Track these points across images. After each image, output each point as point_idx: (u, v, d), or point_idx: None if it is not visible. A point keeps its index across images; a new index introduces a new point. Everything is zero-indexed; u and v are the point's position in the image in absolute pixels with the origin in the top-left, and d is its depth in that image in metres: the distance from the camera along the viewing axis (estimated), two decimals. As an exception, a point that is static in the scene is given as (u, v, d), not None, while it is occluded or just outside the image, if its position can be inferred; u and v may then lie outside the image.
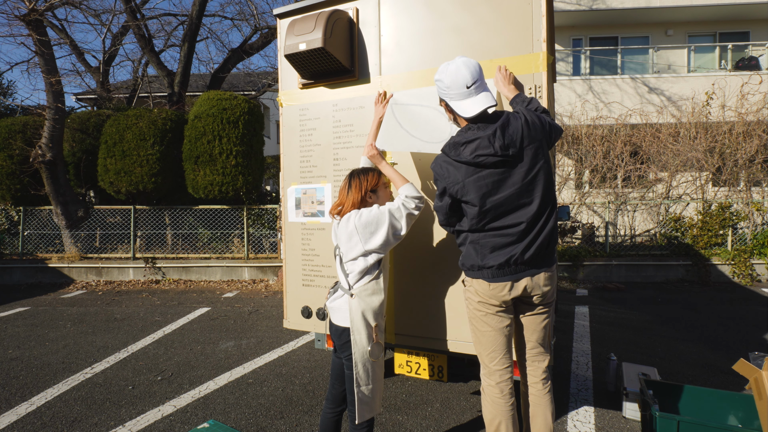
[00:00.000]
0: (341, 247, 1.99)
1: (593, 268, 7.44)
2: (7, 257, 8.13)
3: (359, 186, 2.01)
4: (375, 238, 1.91)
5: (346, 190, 2.03)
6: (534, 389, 1.97)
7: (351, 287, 1.94)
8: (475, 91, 1.78)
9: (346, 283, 1.97)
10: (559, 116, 10.39)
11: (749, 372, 2.05)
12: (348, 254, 1.96)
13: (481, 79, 1.81)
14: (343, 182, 2.07)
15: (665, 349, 4.06)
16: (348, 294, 1.94)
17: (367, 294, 1.92)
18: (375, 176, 2.05)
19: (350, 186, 2.02)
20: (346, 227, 1.96)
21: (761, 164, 8.27)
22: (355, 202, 2.00)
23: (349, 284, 1.95)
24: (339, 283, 2.04)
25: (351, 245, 1.94)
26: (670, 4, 11.11)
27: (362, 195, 2.00)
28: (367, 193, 2.01)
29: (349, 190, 2.02)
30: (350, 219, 1.96)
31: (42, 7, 7.36)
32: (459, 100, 1.81)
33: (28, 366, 3.85)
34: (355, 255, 1.94)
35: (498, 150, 1.73)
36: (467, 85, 1.77)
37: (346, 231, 1.96)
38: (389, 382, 3.36)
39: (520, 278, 1.81)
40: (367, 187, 2.01)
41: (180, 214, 8.26)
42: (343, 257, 1.99)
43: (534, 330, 1.93)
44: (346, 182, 2.05)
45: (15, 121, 8.45)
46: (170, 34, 13.31)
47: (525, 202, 1.77)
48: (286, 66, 2.78)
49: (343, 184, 2.06)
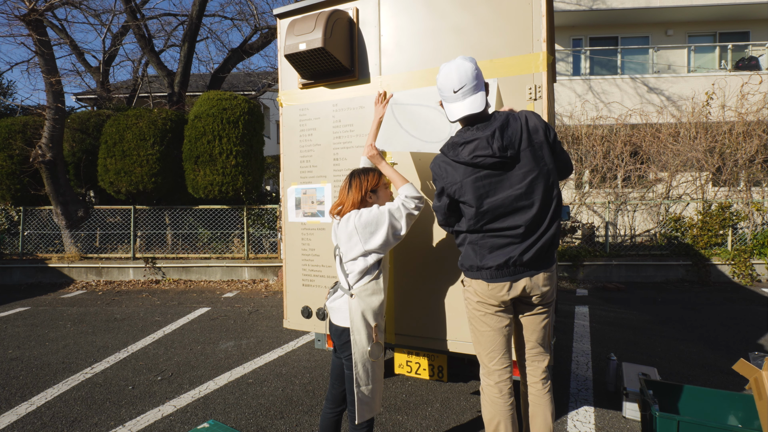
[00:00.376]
0: (341, 247, 1.99)
1: (593, 268, 7.44)
2: (7, 257, 8.13)
3: (359, 186, 2.01)
4: (375, 238, 1.91)
5: (347, 189, 2.03)
6: (534, 389, 1.97)
7: (351, 287, 1.94)
8: (462, 96, 1.78)
9: (345, 283, 1.97)
10: (559, 116, 10.39)
11: (749, 372, 2.05)
12: (348, 254, 1.96)
13: (472, 83, 1.77)
14: (343, 182, 2.07)
15: (665, 349, 4.06)
16: (348, 294, 1.94)
17: (367, 294, 1.92)
18: (375, 176, 2.05)
19: (350, 186, 2.02)
20: (346, 227, 1.96)
21: (761, 164, 8.27)
22: (355, 202, 1.99)
23: (348, 284, 1.95)
24: (339, 283, 2.04)
25: (351, 245, 1.94)
26: (670, 4, 11.11)
27: (362, 195, 2.00)
28: (367, 193, 2.01)
29: (350, 189, 2.02)
30: (350, 219, 1.96)
31: (42, 7, 7.36)
32: (448, 102, 1.83)
33: (28, 366, 3.85)
34: (354, 255, 1.93)
35: (496, 151, 1.73)
36: (453, 90, 1.78)
37: (345, 231, 1.96)
38: (389, 382, 3.36)
39: (519, 279, 1.81)
40: (367, 187, 2.01)
41: (180, 214, 8.26)
42: (342, 257, 1.99)
43: (534, 330, 1.93)
44: (346, 182, 2.05)
45: (15, 121, 8.45)
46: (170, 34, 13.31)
47: (524, 205, 1.76)
48: (286, 66, 2.78)
49: (344, 184, 2.06)
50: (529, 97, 2.16)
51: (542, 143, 1.78)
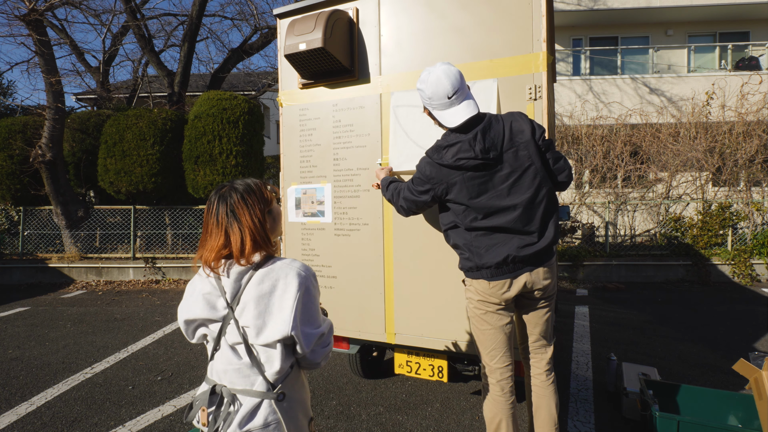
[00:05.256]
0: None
1: (593, 268, 7.44)
2: (7, 257, 8.13)
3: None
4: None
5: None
6: (537, 380, 1.99)
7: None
8: (457, 100, 1.79)
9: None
10: (559, 116, 10.39)
11: (749, 372, 2.05)
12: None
13: (462, 87, 1.81)
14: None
15: (665, 349, 4.05)
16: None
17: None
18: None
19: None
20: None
21: (761, 164, 8.27)
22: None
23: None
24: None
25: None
26: (670, 4, 11.10)
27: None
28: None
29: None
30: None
31: (42, 7, 7.36)
32: (441, 110, 1.83)
33: (28, 366, 3.85)
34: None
35: (479, 153, 1.75)
36: (448, 96, 1.79)
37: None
38: (389, 382, 3.36)
39: (519, 275, 1.82)
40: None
41: (180, 214, 8.26)
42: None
43: (536, 324, 1.96)
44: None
45: (15, 121, 8.45)
46: (170, 34, 13.31)
47: (509, 205, 1.78)
48: (286, 66, 2.78)
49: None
50: (529, 97, 2.16)
51: (528, 142, 1.79)
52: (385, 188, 2.17)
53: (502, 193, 1.78)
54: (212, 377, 1.27)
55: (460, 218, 1.86)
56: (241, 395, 1.20)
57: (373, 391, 3.22)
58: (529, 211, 1.79)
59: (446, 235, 1.98)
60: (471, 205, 1.80)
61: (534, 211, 1.79)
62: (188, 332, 1.29)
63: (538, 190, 1.80)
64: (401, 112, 2.36)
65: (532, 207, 1.79)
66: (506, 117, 1.85)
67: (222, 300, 1.22)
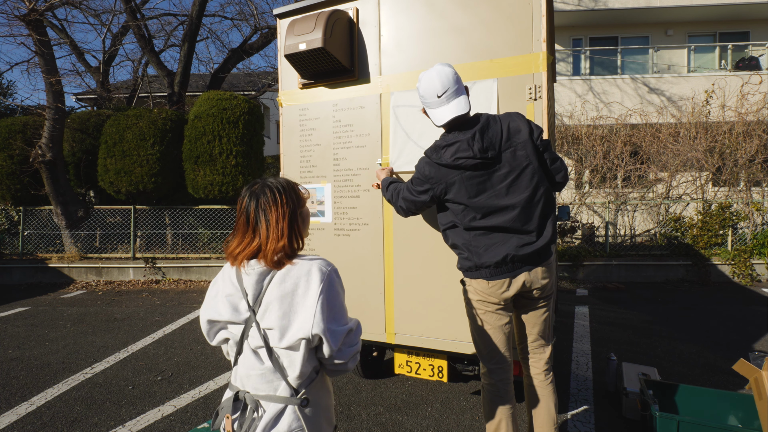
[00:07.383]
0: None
1: (593, 268, 7.44)
2: (7, 257, 8.13)
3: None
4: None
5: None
6: (536, 380, 2.00)
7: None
8: (446, 99, 1.81)
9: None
10: (559, 116, 10.39)
11: (749, 372, 2.05)
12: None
13: (454, 86, 1.81)
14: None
15: (665, 349, 4.05)
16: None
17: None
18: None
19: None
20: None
21: (761, 164, 8.27)
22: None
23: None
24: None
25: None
26: (670, 4, 11.10)
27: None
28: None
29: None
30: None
31: (42, 7, 7.36)
32: (432, 108, 1.86)
33: (28, 366, 3.85)
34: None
35: (477, 153, 1.76)
36: (438, 95, 1.81)
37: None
38: (389, 382, 3.36)
39: (518, 274, 1.83)
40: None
41: (180, 214, 8.26)
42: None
43: (535, 323, 1.96)
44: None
45: (15, 121, 8.44)
46: (170, 34, 13.30)
47: (508, 204, 1.79)
48: (286, 66, 2.78)
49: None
50: (529, 97, 2.16)
51: (525, 142, 1.80)
52: (385, 189, 2.18)
53: (500, 192, 1.79)
54: (236, 383, 1.24)
55: (459, 218, 1.87)
56: (265, 401, 1.18)
57: (373, 391, 3.22)
58: (528, 211, 1.79)
59: (445, 235, 1.98)
60: (470, 204, 1.81)
61: (532, 210, 1.80)
62: (210, 333, 1.26)
63: (536, 189, 1.81)
64: (401, 112, 2.37)
65: (530, 206, 1.80)
66: (504, 117, 1.87)
67: (244, 302, 1.20)
